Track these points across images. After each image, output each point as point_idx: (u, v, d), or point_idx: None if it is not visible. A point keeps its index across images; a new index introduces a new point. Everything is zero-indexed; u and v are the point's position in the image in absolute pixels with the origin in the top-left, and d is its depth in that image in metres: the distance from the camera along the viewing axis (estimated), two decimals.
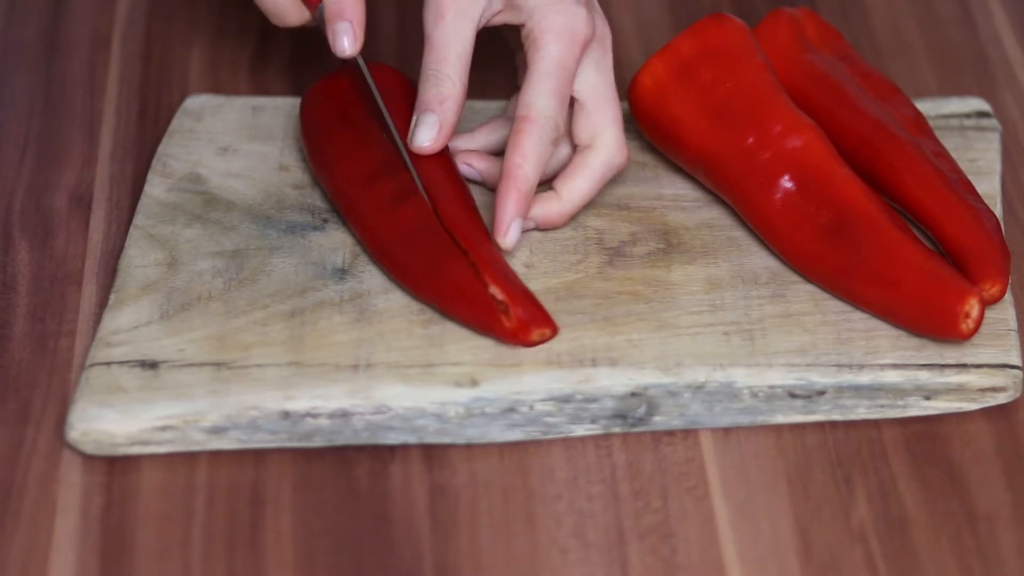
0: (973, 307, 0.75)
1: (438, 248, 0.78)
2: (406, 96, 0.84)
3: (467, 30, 0.80)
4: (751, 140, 0.81)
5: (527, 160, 0.79)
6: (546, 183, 0.83)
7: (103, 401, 0.74)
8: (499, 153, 0.84)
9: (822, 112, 0.84)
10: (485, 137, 0.85)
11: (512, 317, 0.76)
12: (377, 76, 0.85)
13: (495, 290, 0.76)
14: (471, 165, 0.84)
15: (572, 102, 0.82)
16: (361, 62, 0.83)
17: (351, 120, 0.84)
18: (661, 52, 0.83)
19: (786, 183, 0.80)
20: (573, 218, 0.83)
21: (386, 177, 0.81)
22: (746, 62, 0.82)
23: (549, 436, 0.76)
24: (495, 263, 0.77)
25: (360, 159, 0.82)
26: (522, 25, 0.81)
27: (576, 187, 0.82)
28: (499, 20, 0.82)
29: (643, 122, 0.85)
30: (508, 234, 0.79)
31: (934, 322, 0.76)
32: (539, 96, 0.80)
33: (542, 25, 0.80)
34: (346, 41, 0.81)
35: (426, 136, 0.80)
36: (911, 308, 0.77)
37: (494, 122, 0.86)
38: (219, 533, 0.72)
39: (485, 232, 0.79)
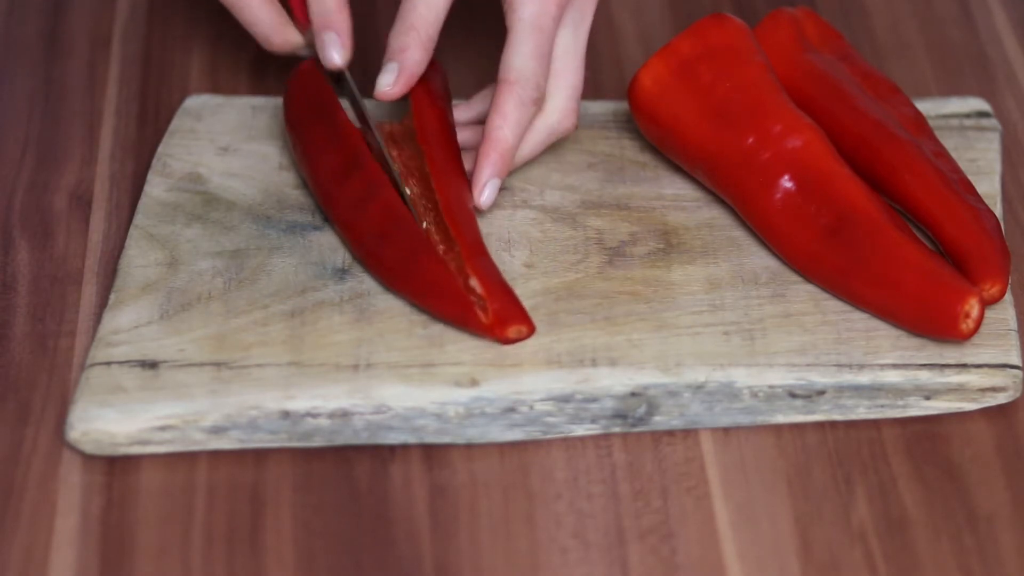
0: (973, 307, 0.75)
1: (412, 241, 0.78)
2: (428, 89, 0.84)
3: None
4: (751, 140, 0.81)
5: (506, 122, 0.81)
6: None
7: (103, 401, 0.74)
8: None
9: (822, 112, 0.84)
10: (481, 103, 0.87)
11: (489, 312, 0.76)
12: None
13: (475, 283, 0.76)
14: None
15: None
16: (348, 77, 0.85)
17: (325, 110, 0.84)
18: (661, 52, 0.83)
19: (786, 183, 0.80)
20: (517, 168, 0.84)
21: (359, 169, 0.81)
22: (746, 62, 0.82)
23: (549, 436, 0.76)
24: (480, 257, 0.77)
25: (333, 152, 0.82)
26: None
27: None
28: None
29: (643, 122, 0.85)
30: (484, 192, 0.81)
31: (934, 322, 0.76)
32: (517, 58, 0.81)
33: None
34: (335, 53, 0.85)
35: (384, 81, 0.82)
36: (911, 308, 0.77)
37: (489, 89, 0.87)
38: (219, 533, 0.72)
39: (475, 223, 0.79)
